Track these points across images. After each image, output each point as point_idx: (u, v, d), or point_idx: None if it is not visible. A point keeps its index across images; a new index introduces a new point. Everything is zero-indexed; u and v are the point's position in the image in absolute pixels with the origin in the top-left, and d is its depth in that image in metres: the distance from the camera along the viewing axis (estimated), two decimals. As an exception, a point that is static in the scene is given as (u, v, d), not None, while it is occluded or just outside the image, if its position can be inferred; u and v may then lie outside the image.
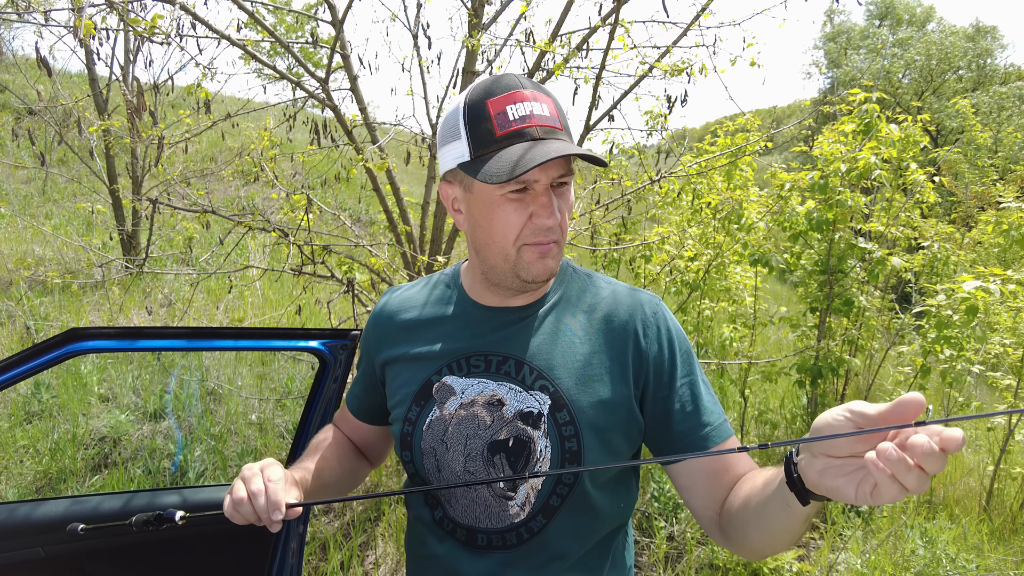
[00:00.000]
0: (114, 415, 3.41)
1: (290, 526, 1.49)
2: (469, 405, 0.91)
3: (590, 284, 0.99)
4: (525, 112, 0.82)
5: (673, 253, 4.10)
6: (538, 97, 0.84)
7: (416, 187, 8.26)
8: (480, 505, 0.91)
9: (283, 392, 3.95)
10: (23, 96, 8.29)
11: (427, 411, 0.93)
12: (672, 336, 0.94)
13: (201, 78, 2.66)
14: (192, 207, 3.23)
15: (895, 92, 20.79)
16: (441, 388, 0.93)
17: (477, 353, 0.94)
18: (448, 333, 0.97)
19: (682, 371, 0.93)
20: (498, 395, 0.90)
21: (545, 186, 0.84)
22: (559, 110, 0.86)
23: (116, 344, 1.19)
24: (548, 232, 0.85)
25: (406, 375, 0.98)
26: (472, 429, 0.90)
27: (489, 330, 0.95)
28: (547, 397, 0.89)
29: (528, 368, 0.91)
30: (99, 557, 1.34)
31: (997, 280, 3.07)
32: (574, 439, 0.88)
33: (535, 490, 0.89)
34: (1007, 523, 3.40)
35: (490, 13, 3.22)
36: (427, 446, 0.93)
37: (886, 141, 3.56)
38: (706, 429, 0.90)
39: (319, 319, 5.11)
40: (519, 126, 0.82)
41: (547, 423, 0.88)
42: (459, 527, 0.94)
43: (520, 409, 0.89)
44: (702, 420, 0.91)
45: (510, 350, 0.93)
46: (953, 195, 11.28)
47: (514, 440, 0.88)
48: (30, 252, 6.03)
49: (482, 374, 0.92)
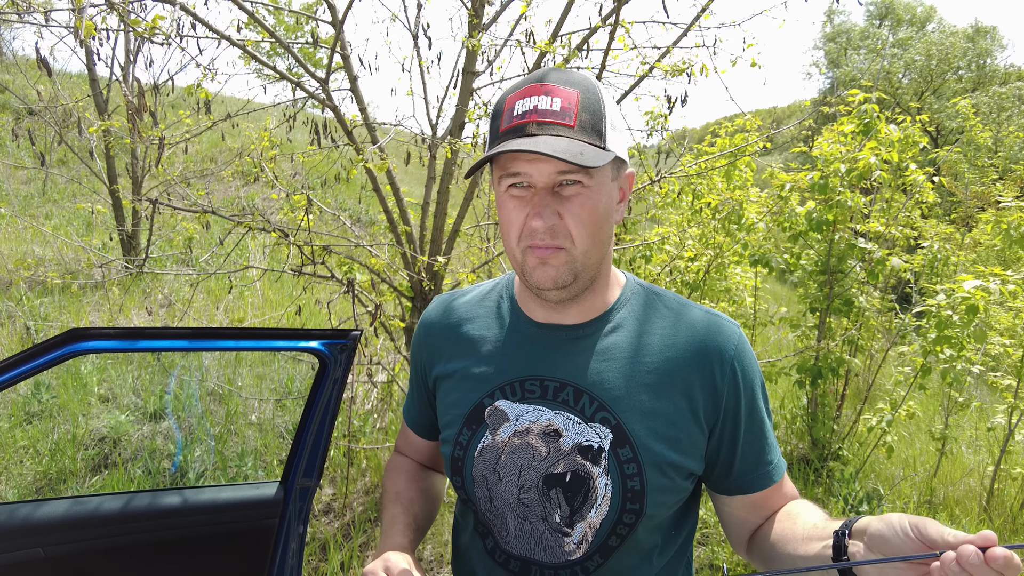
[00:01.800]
0: (114, 415, 3.41)
1: (290, 526, 1.49)
2: (524, 433, 0.86)
3: (660, 305, 0.90)
4: (529, 107, 0.77)
5: (673, 253, 4.10)
6: (554, 91, 0.78)
7: (416, 187, 8.26)
8: (535, 537, 0.87)
9: (283, 392, 3.95)
10: (23, 96, 8.30)
11: (479, 436, 0.89)
12: (750, 373, 0.87)
13: (201, 78, 2.66)
14: (192, 207, 3.23)
15: (895, 92, 20.79)
16: (494, 413, 0.88)
17: (532, 377, 0.87)
18: (501, 352, 0.91)
19: (755, 409, 0.87)
20: (555, 425, 0.85)
21: (544, 186, 0.77)
22: (583, 104, 0.78)
23: (116, 344, 1.19)
24: (539, 235, 0.78)
25: (457, 394, 0.92)
26: (527, 459, 0.85)
27: (544, 351, 0.88)
28: (608, 431, 0.83)
29: (588, 398, 0.85)
30: (99, 557, 1.34)
31: (997, 280, 3.07)
32: (637, 477, 0.82)
33: (593, 529, 0.84)
34: (1007, 523, 3.39)
35: (490, 13, 3.22)
36: (479, 474, 0.88)
37: (885, 141, 3.56)
38: (768, 467, 0.88)
39: (319, 319, 5.11)
40: (518, 121, 0.77)
41: (608, 459, 0.82)
42: (512, 558, 0.89)
43: (579, 442, 0.83)
44: (765, 458, 0.88)
45: (568, 376, 0.86)
46: (953, 195, 11.28)
47: (572, 475, 0.83)
48: (30, 252, 6.03)
49: (538, 400, 0.86)
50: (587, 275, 0.83)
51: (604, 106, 0.79)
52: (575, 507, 0.83)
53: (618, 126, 0.82)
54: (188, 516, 1.41)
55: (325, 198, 8.75)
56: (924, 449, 4.47)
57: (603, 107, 0.79)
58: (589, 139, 0.77)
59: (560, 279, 0.81)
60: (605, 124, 0.79)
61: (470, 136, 3.14)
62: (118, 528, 1.35)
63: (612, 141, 0.79)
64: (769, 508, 0.89)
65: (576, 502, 0.83)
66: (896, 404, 3.67)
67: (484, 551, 0.94)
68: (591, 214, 0.79)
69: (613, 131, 0.80)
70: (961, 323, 3.18)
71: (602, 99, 0.80)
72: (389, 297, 3.11)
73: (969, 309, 3.04)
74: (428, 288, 3.14)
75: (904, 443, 4.53)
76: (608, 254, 0.86)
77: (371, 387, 3.80)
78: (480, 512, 0.91)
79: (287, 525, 1.48)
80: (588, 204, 0.78)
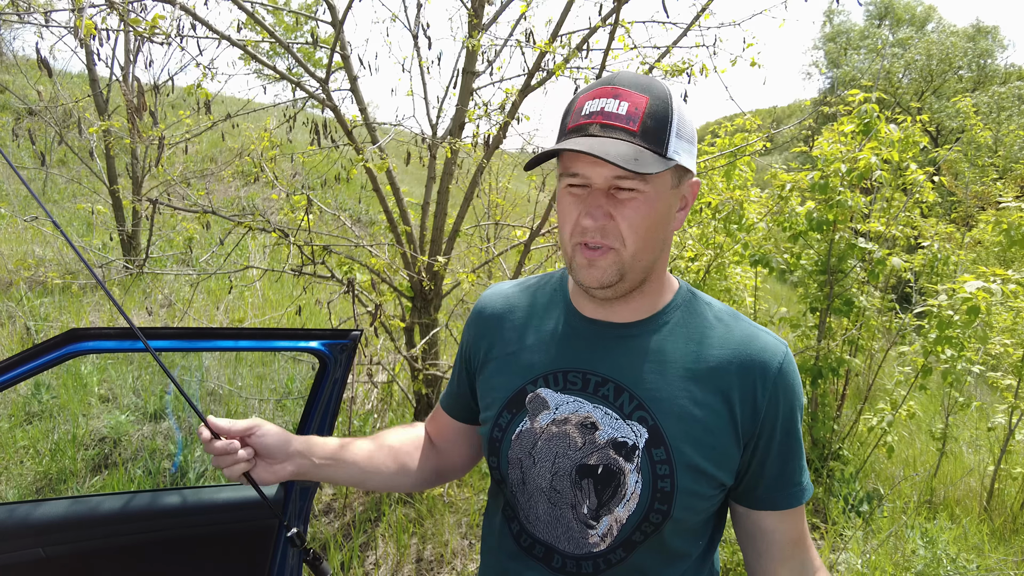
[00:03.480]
0: (114, 416, 3.41)
1: (291, 526, 1.49)
2: (562, 422, 0.88)
3: (710, 314, 0.92)
4: (596, 108, 0.79)
5: (673, 253, 4.10)
6: (623, 94, 0.79)
7: (416, 187, 8.26)
8: (562, 525, 0.89)
9: (283, 392, 3.95)
10: (23, 96, 8.29)
11: (518, 420, 0.91)
12: (791, 393, 0.87)
13: (201, 78, 2.66)
14: (192, 207, 3.23)
15: (895, 92, 20.78)
16: (535, 399, 0.91)
17: (576, 370, 0.90)
18: (548, 342, 0.93)
19: (792, 429, 0.89)
20: (593, 418, 0.87)
21: (601, 188, 0.80)
22: (649, 111, 0.79)
23: (116, 344, 1.19)
24: (588, 233, 0.81)
25: (500, 378, 0.95)
26: (562, 448, 0.87)
27: (590, 345, 0.91)
28: (645, 430, 0.85)
29: (628, 395, 0.87)
30: (99, 557, 1.34)
31: (998, 280, 3.07)
32: (668, 479, 0.84)
33: (619, 523, 0.86)
34: (1008, 523, 3.39)
35: (490, 13, 3.22)
36: (514, 456, 0.91)
37: (886, 141, 3.56)
38: (795, 488, 0.90)
39: (319, 319, 5.11)
40: (584, 121, 0.80)
41: (641, 457, 0.84)
42: (538, 543, 0.92)
43: (614, 437, 0.85)
44: (795, 478, 0.90)
45: (611, 372, 0.88)
46: (953, 195, 11.28)
47: (603, 468, 0.85)
48: (30, 253, 6.03)
49: (579, 392, 0.89)
50: (634, 276, 0.85)
51: (672, 114, 0.80)
52: (603, 500, 0.85)
53: (685, 135, 0.82)
54: (188, 516, 1.41)
55: (325, 198, 8.75)
56: (924, 449, 4.47)
57: (671, 115, 0.80)
58: (650, 145, 0.78)
59: (606, 279, 0.83)
60: (670, 132, 0.79)
61: (470, 136, 3.14)
62: (118, 528, 1.34)
63: (676, 149, 0.80)
64: (785, 532, 0.91)
65: (605, 495, 0.85)
66: (896, 404, 3.67)
67: (510, 535, 0.96)
68: (644, 219, 0.80)
69: (678, 140, 0.81)
70: (962, 323, 3.18)
71: (671, 108, 0.80)
72: (389, 297, 3.11)
73: (970, 310, 3.04)
74: (428, 288, 3.14)
75: (904, 443, 4.53)
76: (662, 259, 0.88)
77: (371, 387, 3.80)
78: (511, 494, 0.94)
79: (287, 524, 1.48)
80: (642, 209, 0.80)
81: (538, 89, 2.95)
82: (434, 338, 3.30)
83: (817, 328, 3.96)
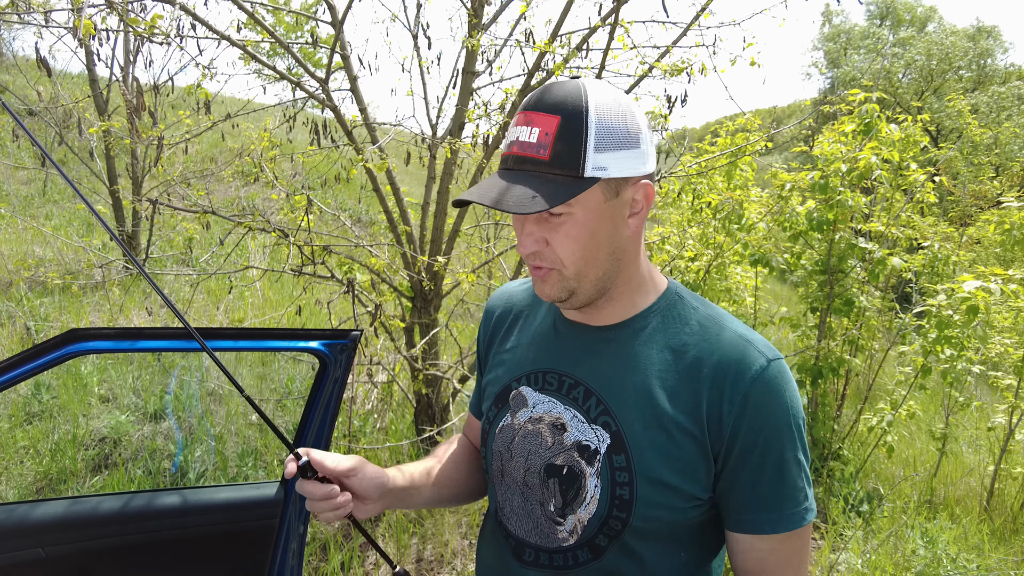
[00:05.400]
0: (114, 416, 3.41)
1: (291, 526, 1.49)
2: (537, 421, 0.91)
3: (694, 319, 0.87)
4: (513, 138, 0.80)
5: (673, 253, 4.10)
6: (534, 120, 0.78)
7: (416, 187, 8.26)
8: (533, 520, 0.91)
9: (283, 392, 3.95)
10: (23, 97, 8.30)
11: (502, 415, 0.95)
12: (767, 410, 0.80)
13: (201, 78, 2.66)
14: (192, 208, 3.23)
15: (895, 92, 20.76)
16: (517, 396, 0.94)
17: (553, 371, 0.92)
18: (535, 343, 0.97)
19: (768, 451, 0.80)
20: (563, 419, 0.88)
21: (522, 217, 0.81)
22: (560, 133, 0.76)
23: (116, 344, 1.19)
24: (529, 257, 0.84)
25: (496, 373, 1.00)
26: (534, 445, 0.90)
27: (569, 347, 0.92)
28: (608, 435, 0.84)
29: (596, 399, 0.86)
30: (99, 557, 1.34)
31: (998, 280, 3.07)
32: (627, 487, 0.82)
33: (581, 524, 0.86)
34: (1008, 523, 3.39)
35: (490, 13, 3.22)
36: (496, 449, 0.94)
37: (886, 141, 3.56)
38: (771, 515, 0.81)
39: (319, 320, 5.12)
40: (505, 152, 0.82)
41: (601, 463, 0.83)
42: (510, 536, 0.94)
43: (579, 440, 0.86)
44: (773, 504, 0.81)
45: (583, 375, 0.89)
46: (951, 194, 11.28)
47: (568, 469, 0.86)
48: (30, 253, 6.03)
49: (554, 393, 0.91)
50: (587, 291, 0.84)
51: (587, 130, 0.76)
52: (567, 500, 0.86)
53: (613, 142, 0.77)
54: (188, 516, 1.41)
55: (325, 198, 8.75)
56: (924, 449, 4.47)
57: (585, 132, 0.76)
58: (562, 170, 0.76)
59: (555, 295, 0.85)
60: (586, 150, 0.76)
61: (470, 136, 3.14)
62: (118, 528, 1.35)
63: (598, 164, 0.76)
64: (756, 559, 0.83)
65: (569, 495, 0.86)
66: (896, 404, 3.67)
67: (496, 527, 0.98)
68: (576, 240, 0.80)
69: (599, 153, 0.77)
70: (961, 323, 3.18)
71: (587, 123, 0.76)
72: (389, 297, 3.11)
73: (970, 309, 3.04)
74: (428, 288, 3.14)
75: (904, 443, 4.53)
76: (619, 268, 0.85)
77: (371, 387, 3.80)
78: (492, 487, 0.98)
79: (287, 525, 1.48)
80: (573, 231, 0.80)
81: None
82: (434, 338, 3.30)
83: (817, 328, 3.96)
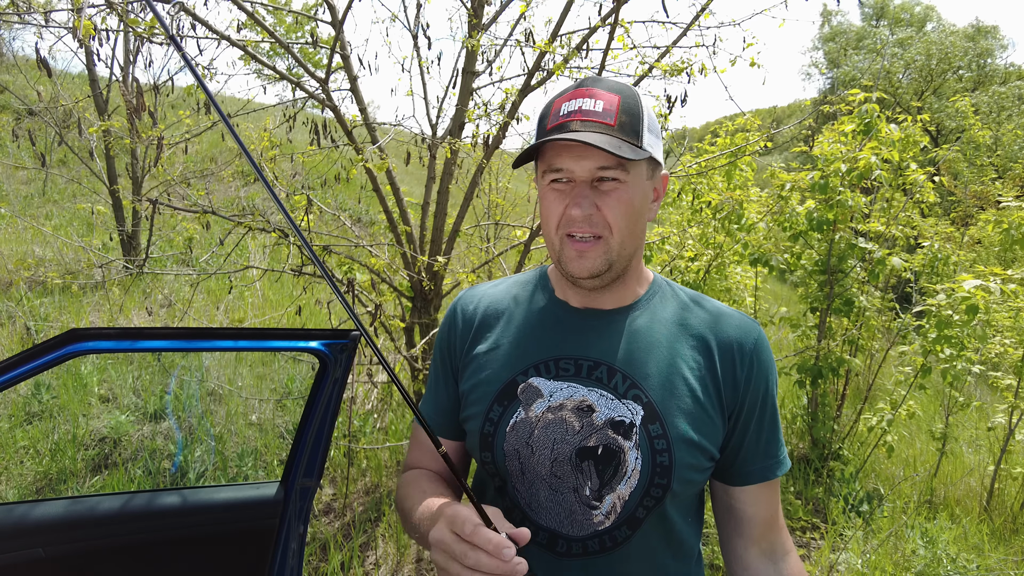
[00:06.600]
0: (114, 416, 3.41)
1: (291, 526, 1.49)
2: (558, 409, 0.90)
3: (685, 296, 0.99)
4: (574, 107, 0.85)
5: (673, 253, 4.09)
6: (597, 94, 0.85)
7: (416, 187, 8.26)
8: (565, 509, 0.90)
9: (283, 393, 3.95)
10: (23, 97, 8.29)
11: (511, 412, 0.92)
12: (767, 368, 0.94)
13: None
14: (192, 208, 3.23)
15: (895, 92, 20.76)
16: (527, 389, 0.92)
17: (567, 357, 0.93)
18: (535, 333, 0.96)
19: (769, 403, 0.94)
20: (588, 401, 0.89)
21: (584, 179, 0.85)
22: (625, 108, 0.85)
23: (116, 344, 1.19)
24: (577, 224, 0.85)
25: (487, 372, 0.96)
26: (560, 433, 0.89)
27: (578, 332, 0.94)
28: (640, 408, 0.88)
29: (621, 376, 0.90)
30: (99, 557, 1.34)
31: (997, 279, 3.07)
32: (666, 453, 0.87)
33: (622, 500, 0.88)
34: (1008, 523, 3.39)
35: (490, 13, 3.23)
36: (511, 448, 0.92)
37: (886, 141, 3.56)
38: (772, 460, 0.95)
39: (319, 319, 5.11)
40: (564, 119, 0.85)
41: (639, 434, 0.87)
42: (541, 529, 0.92)
43: (611, 417, 0.88)
44: (772, 451, 0.96)
45: (602, 355, 0.92)
46: (952, 194, 11.27)
47: (603, 448, 0.87)
48: (30, 253, 6.03)
49: (572, 378, 0.91)
50: (620, 265, 0.90)
51: (643, 111, 0.87)
52: (605, 479, 0.88)
53: (654, 131, 0.88)
54: (188, 516, 1.41)
55: (325, 198, 8.75)
56: (924, 449, 4.47)
57: (642, 112, 0.87)
58: (627, 138, 0.84)
59: (595, 268, 0.88)
60: (643, 127, 0.86)
61: (470, 136, 3.14)
62: (118, 528, 1.34)
63: (648, 143, 0.87)
64: (759, 512, 0.96)
65: (607, 474, 0.88)
66: (896, 404, 3.67)
67: (520, 524, 0.95)
68: (627, 207, 0.86)
69: (650, 134, 0.87)
70: (961, 323, 3.17)
71: (642, 106, 0.87)
72: (389, 297, 3.11)
73: (969, 309, 3.04)
74: (428, 288, 3.14)
75: (904, 443, 4.53)
76: (640, 248, 0.94)
77: (371, 387, 3.80)
78: (511, 486, 0.94)
79: (287, 525, 1.48)
80: (624, 198, 0.86)
81: (538, 89, 2.95)
82: (434, 338, 3.30)
83: (817, 328, 3.96)
